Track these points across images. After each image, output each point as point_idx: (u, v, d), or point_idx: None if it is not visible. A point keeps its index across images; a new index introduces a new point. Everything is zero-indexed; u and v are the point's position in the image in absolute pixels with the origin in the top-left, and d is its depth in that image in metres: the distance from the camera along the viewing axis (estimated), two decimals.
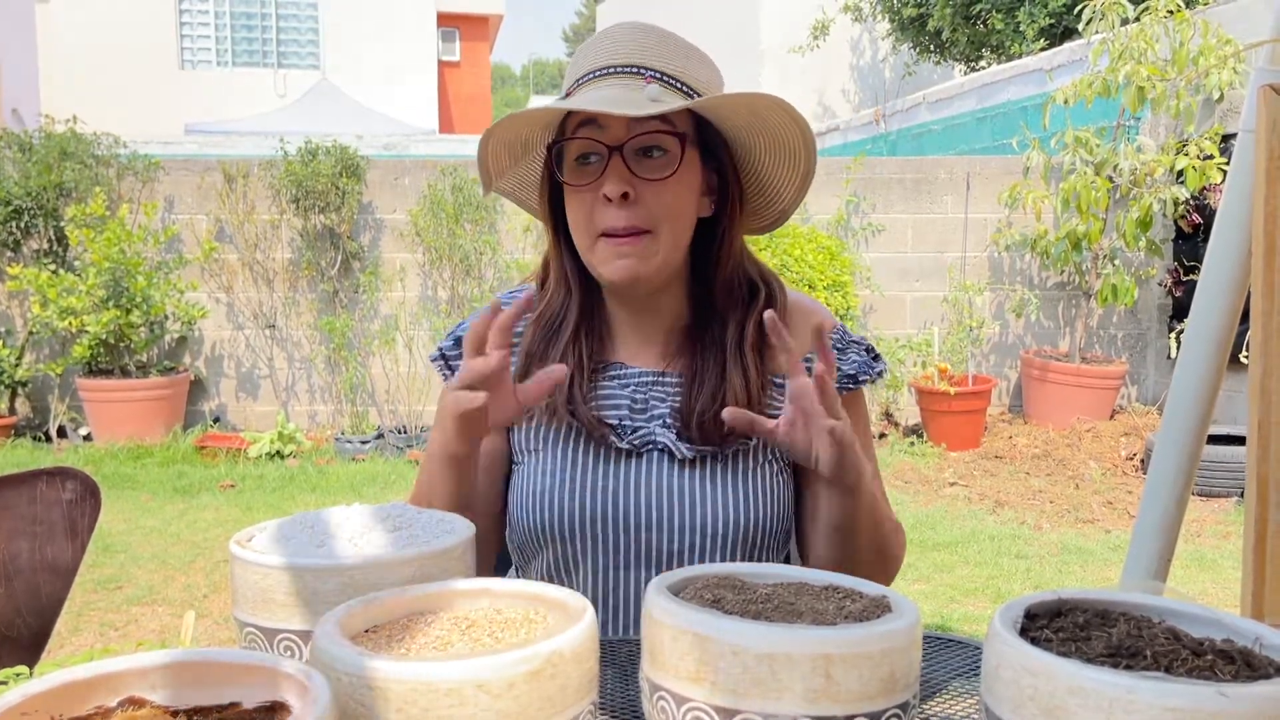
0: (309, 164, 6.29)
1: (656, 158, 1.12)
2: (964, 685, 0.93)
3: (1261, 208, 1.37)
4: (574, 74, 1.18)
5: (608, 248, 1.13)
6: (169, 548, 4.34)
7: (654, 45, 1.15)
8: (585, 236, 1.15)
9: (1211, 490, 5.05)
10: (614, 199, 1.10)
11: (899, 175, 6.80)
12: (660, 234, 1.13)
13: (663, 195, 1.12)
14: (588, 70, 1.15)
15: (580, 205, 1.14)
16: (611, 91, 1.11)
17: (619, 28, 1.17)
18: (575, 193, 1.14)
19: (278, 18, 16.89)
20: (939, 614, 3.57)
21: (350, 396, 6.46)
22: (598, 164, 1.12)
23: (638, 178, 1.11)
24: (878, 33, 13.19)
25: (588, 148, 1.13)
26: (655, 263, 1.14)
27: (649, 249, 1.13)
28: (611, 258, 1.13)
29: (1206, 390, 1.56)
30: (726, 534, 1.18)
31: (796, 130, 1.15)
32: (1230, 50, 5.32)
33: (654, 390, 1.21)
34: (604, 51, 1.15)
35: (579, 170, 1.14)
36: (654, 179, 1.12)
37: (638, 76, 1.12)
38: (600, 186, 1.11)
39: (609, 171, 1.11)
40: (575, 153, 1.14)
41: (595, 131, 1.12)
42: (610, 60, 1.14)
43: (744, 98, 1.10)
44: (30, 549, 1.53)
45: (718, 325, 1.21)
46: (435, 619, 0.73)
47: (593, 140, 1.12)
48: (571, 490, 1.19)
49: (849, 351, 1.24)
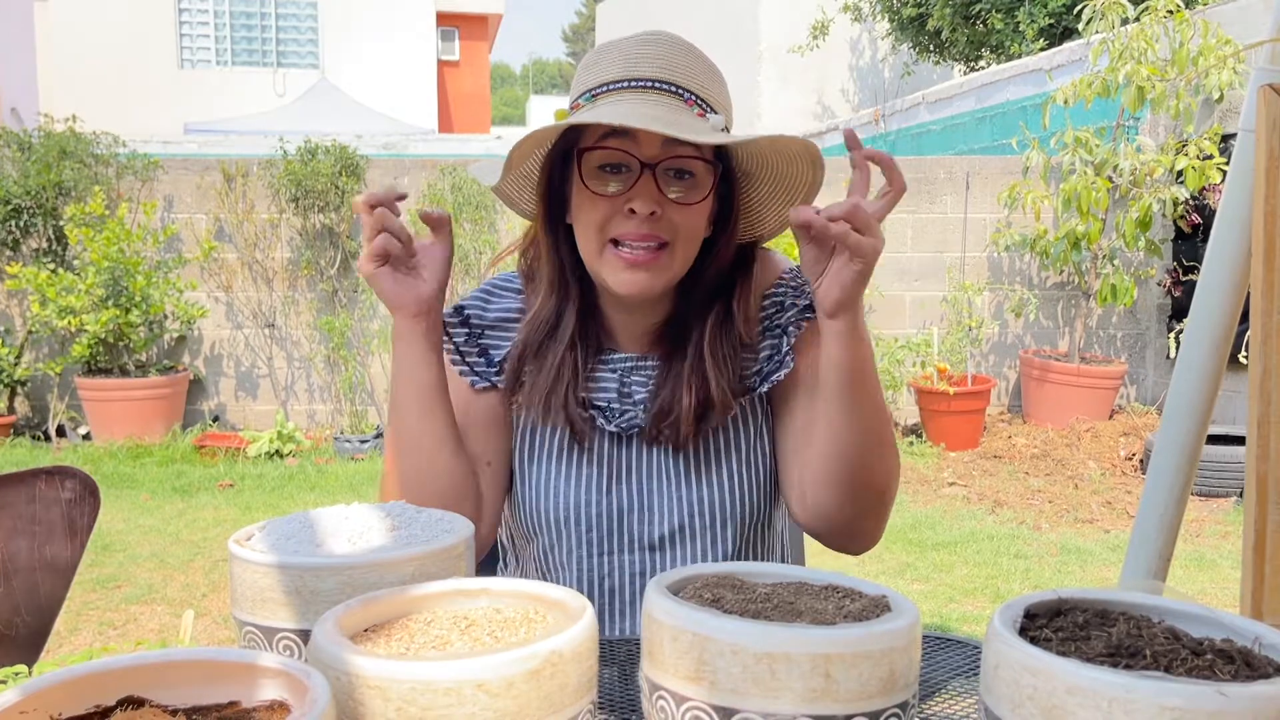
0: (308, 163, 6.30)
1: (686, 180, 1.13)
2: (963, 685, 0.93)
3: (1261, 207, 1.37)
4: (600, 77, 1.15)
5: (618, 259, 1.12)
6: (168, 547, 4.34)
7: (690, 64, 1.14)
8: (594, 242, 1.14)
9: (1211, 490, 5.05)
10: (642, 215, 1.10)
11: None
12: (676, 250, 1.14)
13: (686, 216, 1.13)
14: (619, 78, 1.13)
15: (596, 211, 1.13)
16: (656, 110, 1.10)
17: (650, 38, 1.16)
18: (595, 199, 1.13)
19: (277, 17, 16.89)
20: (938, 614, 3.58)
21: (349, 396, 6.46)
22: (625, 176, 1.12)
23: (665, 198, 1.12)
24: (877, 32, 13.19)
25: (619, 159, 1.12)
26: (666, 278, 1.15)
27: (664, 264, 1.13)
28: (622, 269, 1.13)
29: (1206, 390, 1.56)
30: (716, 515, 1.20)
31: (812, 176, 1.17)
32: (1230, 50, 5.32)
33: (635, 375, 1.23)
34: (637, 62, 1.13)
35: (603, 177, 1.13)
36: (682, 202, 1.12)
37: (675, 95, 1.12)
38: (627, 199, 1.11)
39: (639, 187, 1.10)
40: (602, 159, 1.13)
41: (629, 144, 1.11)
42: (644, 73, 1.13)
43: (791, 142, 1.12)
44: (29, 548, 1.53)
45: (696, 319, 1.21)
46: (434, 618, 0.73)
47: (626, 153, 1.11)
48: (563, 477, 1.21)
49: (804, 287, 1.25)
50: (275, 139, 6.77)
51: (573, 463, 1.22)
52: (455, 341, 1.26)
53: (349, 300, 6.53)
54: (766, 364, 1.23)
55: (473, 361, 1.25)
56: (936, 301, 6.72)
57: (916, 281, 6.78)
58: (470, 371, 1.24)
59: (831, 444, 1.12)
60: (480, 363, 1.25)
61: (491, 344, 1.26)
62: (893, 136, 10.04)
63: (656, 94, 1.12)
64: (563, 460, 1.22)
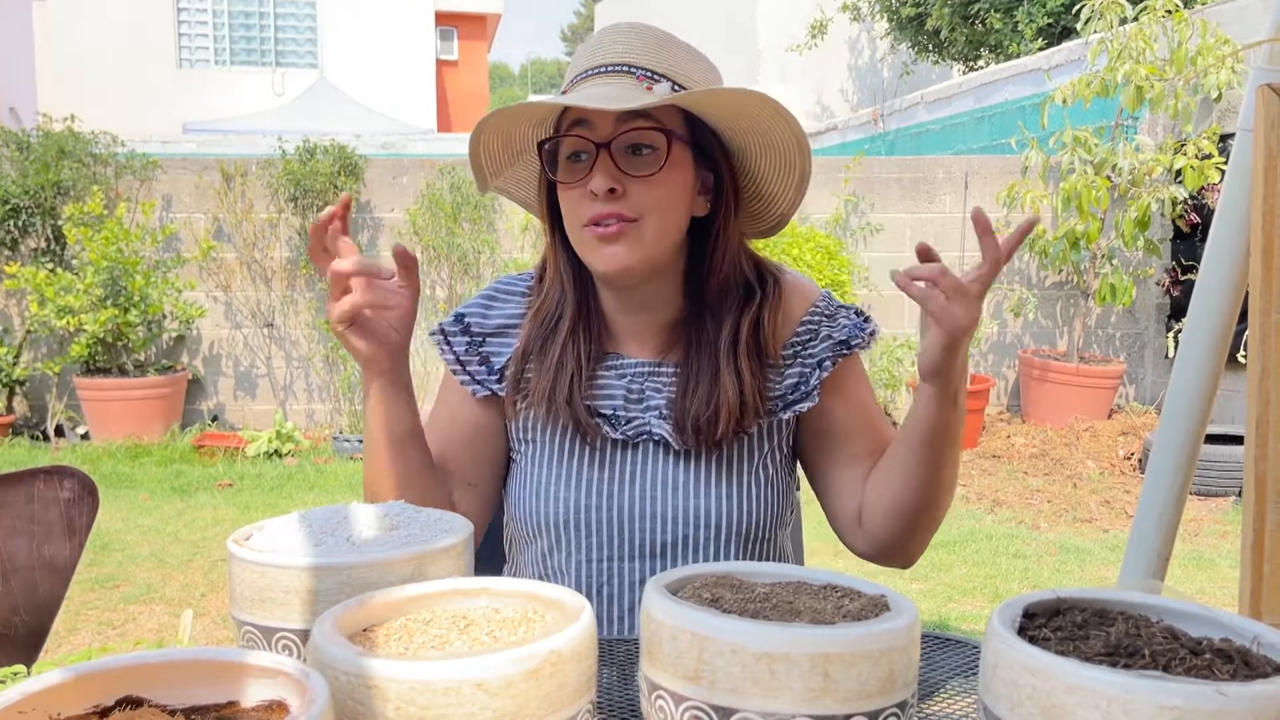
0: (307, 163, 6.29)
1: (645, 155, 1.13)
2: (962, 684, 0.93)
3: (1260, 207, 1.37)
4: (570, 73, 1.19)
5: (593, 238, 1.14)
6: (167, 546, 4.34)
7: (648, 45, 1.15)
8: (575, 230, 1.16)
9: (1209, 489, 5.05)
10: (600, 194, 1.11)
11: (897, 175, 6.80)
12: (646, 224, 1.13)
13: (651, 190, 1.13)
14: (583, 69, 1.17)
15: (570, 201, 1.16)
16: (604, 90, 1.12)
17: (614, 28, 1.18)
18: (566, 190, 1.16)
19: (276, 16, 16.87)
20: (937, 613, 3.58)
21: (348, 395, 6.46)
22: (587, 161, 1.14)
23: (625, 174, 1.12)
24: (876, 32, 13.18)
25: (578, 146, 1.14)
26: (641, 252, 1.14)
27: (634, 238, 1.13)
28: (598, 247, 1.14)
29: (1205, 390, 1.56)
30: (720, 526, 1.19)
31: (788, 131, 1.15)
32: (1228, 50, 5.32)
33: (650, 381, 1.22)
34: (598, 51, 1.17)
35: (570, 168, 1.15)
36: (641, 175, 1.13)
37: (628, 75, 1.14)
38: (589, 183, 1.12)
39: (596, 167, 1.12)
40: (566, 151, 1.16)
41: (585, 130, 1.13)
42: (603, 59, 1.15)
43: (730, 93, 1.11)
44: (28, 547, 1.53)
45: (712, 323, 1.21)
46: (433, 618, 0.72)
47: (582, 138, 1.13)
48: (565, 481, 1.21)
49: (838, 317, 1.25)
50: (274, 138, 6.77)
51: (575, 467, 1.21)
52: (456, 350, 1.26)
53: None
54: (791, 392, 1.23)
55: (473, 370, 1.25)
56: None
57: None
58: (471, 380, 1.25)
59: (906, 489, 1.15)
60: (481, 371, 1.25)
61: (493, 351, 1.26)
62: (891, 136, 10.04)
63: (609, 76, 1.14)
64: (565, 464, 1.22)
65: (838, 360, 1.23)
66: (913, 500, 1.15)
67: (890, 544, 1.20)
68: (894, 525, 1.18)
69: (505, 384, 1.24)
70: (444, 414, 1.27)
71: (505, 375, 1.24)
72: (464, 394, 1.26)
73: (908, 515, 1.16)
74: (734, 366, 1.19)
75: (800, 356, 1.24)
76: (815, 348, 1.24)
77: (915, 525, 1.17)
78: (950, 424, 1.10)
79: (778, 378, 1.23)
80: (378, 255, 6.55)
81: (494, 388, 1.24)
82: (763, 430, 1.23)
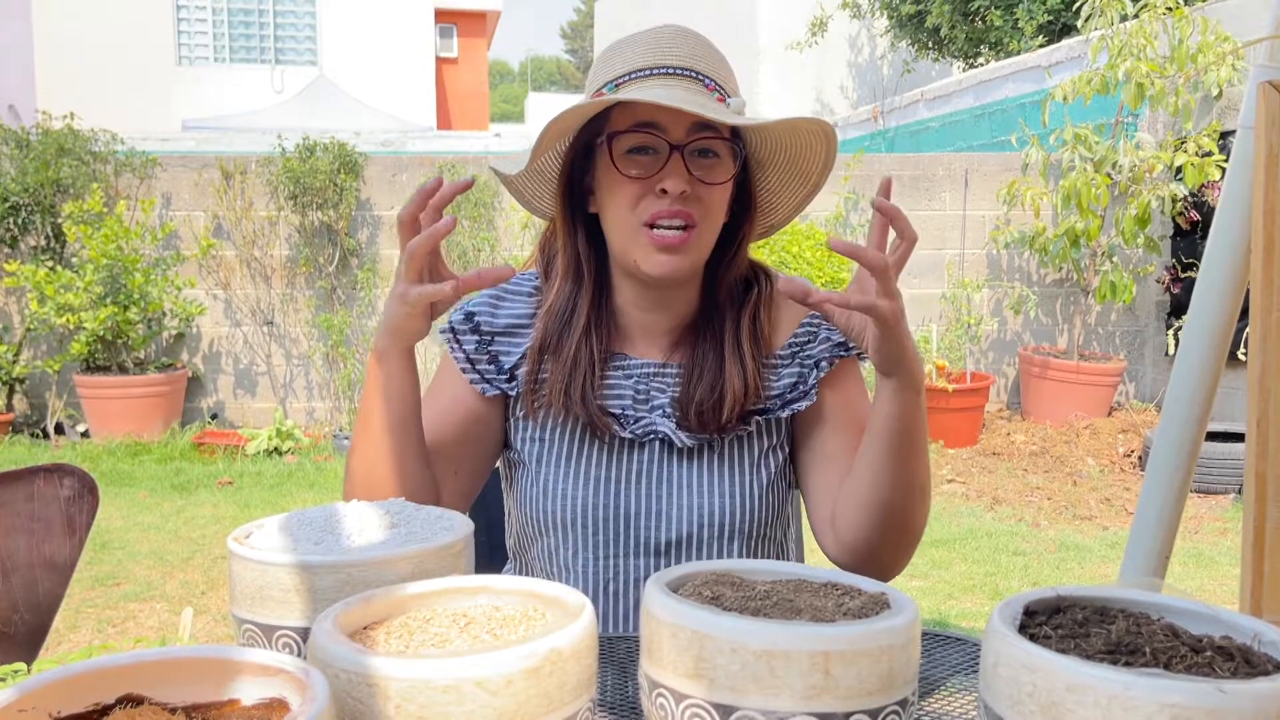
0: (307, 160, 6.29)
1: (710, 159, 1.16)
2: (962, 682, 0.93)
3: (1260, 204, 1.37)
4: (625, 66, 1.17)
5: (651, 242, 1.15)
6: (167, 545, 4.34)
7: (708, 53, 1.19)
8: (627, 225, 1.16)
9: (1210, 487, 5.05)
10: (673, 194, 1.13)
11: (897, 172, 6.80)
12: (703, 229, 1.17)
13: (712, 195, 1.17)
14: (641, 66, 1.16)
15: (627, 195, 1.16)
16: (679, 93, 1.12)
17: (668, 29, 1.20)
18: (626, 183, 1.16)
19: (275, 14, 16.85)
20: (937, 611, 3.58)
21: (348, 393, 6.45)
22: (654, 159, 1.15)
23: (695, 178, 1.15)
24: (876, 29, 13.17)
25: (648, 142, 1.15)
26: (695, 257, 1.18)
27: (693, 244, 1.16)
28: (654, 251, 1.15)
29: (1205, 387, 1.56)
30: (724, 524, 1.21)
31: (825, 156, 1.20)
32: (1229, 47, 5.32)
33: (655, 381, 1.24)
34: (655, 51, 1.17)
35: (631, 161, 1.15)
36: (710, 182, 1.16)
37: (695, 80, 1.16)
38: (657, 181, 1.14)
39: (669, 169, 1.13)
40: (630, 145, 1.16)
41: (658, 128, 1.14)
42: (665, 60, 1.16)
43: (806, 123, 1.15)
44: (28, 545, 1.52)
45: (717, 319, 1.24)
46: (434, 616, 0.72)
47: (656, 136, 1.14)
48: (574, 479, 1.22)
49: None
50: (273, 136, 6.76)
51: (583, 464, 1.22)
52: (466, 349, 1.26)
53: (347, 297, 6.53)
54: (789, 391, 1.24)
55: (483, 369, 1.25)
56: (935, 299, 6.72)
57: (915, 279, 6.78)
58: (481, 379, 1.25)
59: (873, 488, 1.13)
60: (490, 370, 1.25)
61: (501, 350, 1.26)
62: (891, 134, 10.03)
63: (678, 79, 1.15)
64: (574, 462, 1.22)
65: (835, 361, 1.25)
66: (879, 499, 1.13)
67: (860, 547, 1.17)
68: (861, 525, 1.15)
69: (516, 383, 1.24)
70: (441, 401, 1.27)
71: (516, 375, 1.24)
72: (466, 386, 1.26)
73: (875, 515, 1.14)
74: (738, 355, 1.21)
75: (799, 357, 1.26)
76: (814, 349, 1.26)
77: (883, 528, 1.14)
78: (913, 418, 1.09)
79: (776, 377, 1.25)
80: (376, 251, 6.55)
81: (504, 387, 1.25)
82: (762, 429, 1.25)
